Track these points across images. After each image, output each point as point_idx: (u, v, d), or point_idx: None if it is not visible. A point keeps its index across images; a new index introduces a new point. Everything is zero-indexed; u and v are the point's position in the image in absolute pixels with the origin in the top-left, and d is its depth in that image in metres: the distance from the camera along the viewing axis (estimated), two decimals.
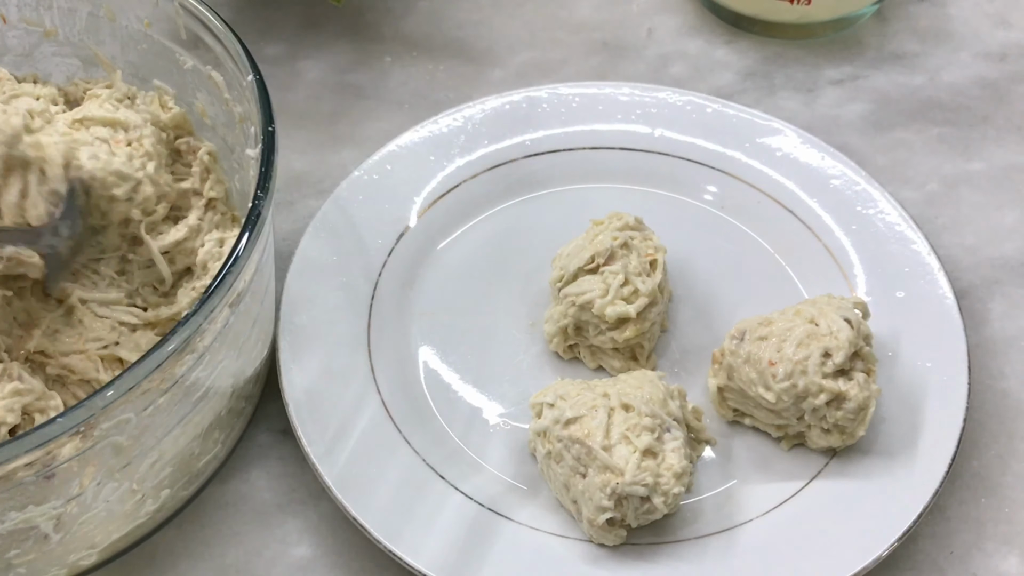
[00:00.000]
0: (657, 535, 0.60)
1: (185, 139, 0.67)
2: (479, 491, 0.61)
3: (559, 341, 0.66)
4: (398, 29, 0.86)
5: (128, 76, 0.68)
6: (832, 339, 0.60)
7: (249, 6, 0.86)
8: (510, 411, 0.65)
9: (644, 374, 0.61)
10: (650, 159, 0.74)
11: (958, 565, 0.61)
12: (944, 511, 0.63)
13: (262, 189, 0.54)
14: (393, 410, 0.63)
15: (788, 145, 0.73)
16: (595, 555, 0.59)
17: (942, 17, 0.86)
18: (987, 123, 0.80)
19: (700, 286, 0.70)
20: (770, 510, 0.60)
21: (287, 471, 0.64)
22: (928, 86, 0.82)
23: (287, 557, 0.61)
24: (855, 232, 0.70)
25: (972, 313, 0.70)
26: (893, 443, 0.62)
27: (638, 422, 0.58)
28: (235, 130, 0.64)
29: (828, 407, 0.59)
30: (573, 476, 0.58)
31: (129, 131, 0.62)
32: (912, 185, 0.76)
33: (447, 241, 0.71)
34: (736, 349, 0.62)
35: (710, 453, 0.63)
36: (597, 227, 0.66)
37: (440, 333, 0.68)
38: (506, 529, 0.60)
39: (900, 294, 0.67)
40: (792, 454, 0.63)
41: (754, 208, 0.72)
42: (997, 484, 0.64)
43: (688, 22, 0.86)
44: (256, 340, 0.61)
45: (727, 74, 0.83)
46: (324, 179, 0.76)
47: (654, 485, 0.57)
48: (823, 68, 0.83)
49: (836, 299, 0.63)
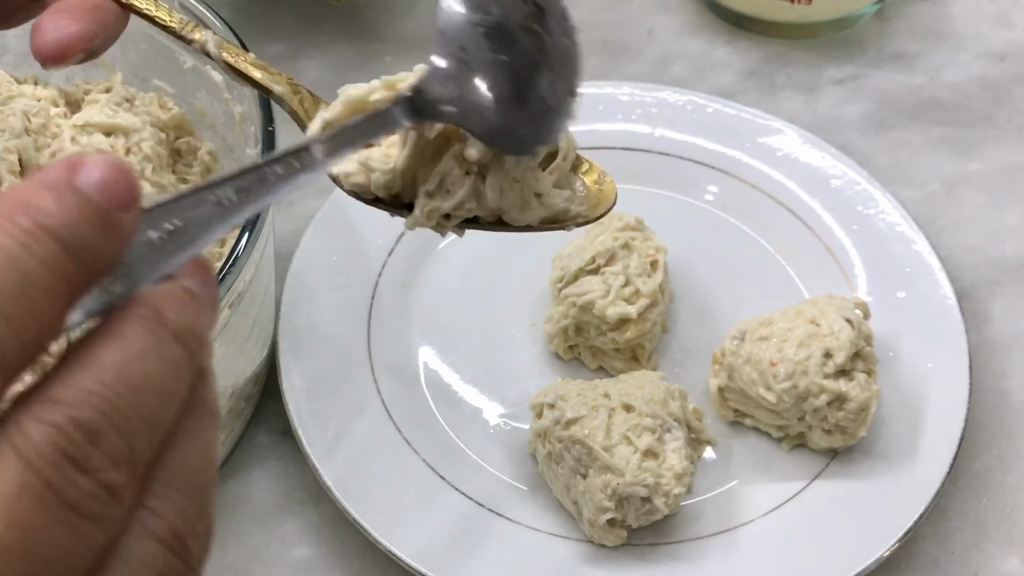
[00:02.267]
0: (658, 536, 0.59)
1: (185, 139, 0.67)
2: (479, 491, 0.61)
3: (559, 342, 0.66)
4: (398, 29, 0.85)
5: (128, 76, 0.67)
6: (833, 339, 0.60)
7: (249, 5, 0.86)
8: (510, 411, 0.65)
9: (645, 374, 0.61)
10: (651, 159, 0.73)
11: (959, 566, 0.61)
12: (945, 511, 0.62)
13: None
14: (393, 410, 0.63)
15: (789, 145, 0.73)
16: (595, 556, 0.59)
17: (943, 17, 0.86)
18: (988, 123, 0.80)
19: (701, 286, 0.69)
20: (771, 511, 0.60)
21: (287, 471, 0.64)
22: (929, 86, 0.82)
23: (287, 557, 0.61)
24: (856, 232, 0.70)
25: (973, 313, 0.70)
26: (894, 443, 0.62)
27: (639, 423, 0.58)
28: (235, 130, 0.64)
29: (829, 407, 0.59)
30: (574, 477, 0.58)
31: (129, 136, 0.62)
32: (913, 185, 0.76)
33: (447, 241, 0.71)
34: (737, 349, 0.62)
35: (711, 454, 0.63)
36: (598, 227, 0.66)
37: (440, 333, 0.68)
38: (506, 530, 0.59)
39: (901, 294, 0.67)
40: (793, 455, 0.63)
41: (755, 208, 0.72)
42: (998, 484, 0.64)
43: (689, 22, 0.86)
44: (256, 340, 0.61)
45: (728, 74, 0.83)
46: (324, 179, 0.76)
47: (655, 486, 0.57)
48: (824, 68, 0.83)
49: (837, 299, 0.63)
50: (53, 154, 0.60)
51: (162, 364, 0.26)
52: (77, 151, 0.60)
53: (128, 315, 0.26)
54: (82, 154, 0.27)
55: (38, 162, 0.60)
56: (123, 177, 0.26)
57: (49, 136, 0.61)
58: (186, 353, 0.27)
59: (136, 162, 0.62)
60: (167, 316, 0.27)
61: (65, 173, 0.26)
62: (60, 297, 0.25)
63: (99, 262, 0.26)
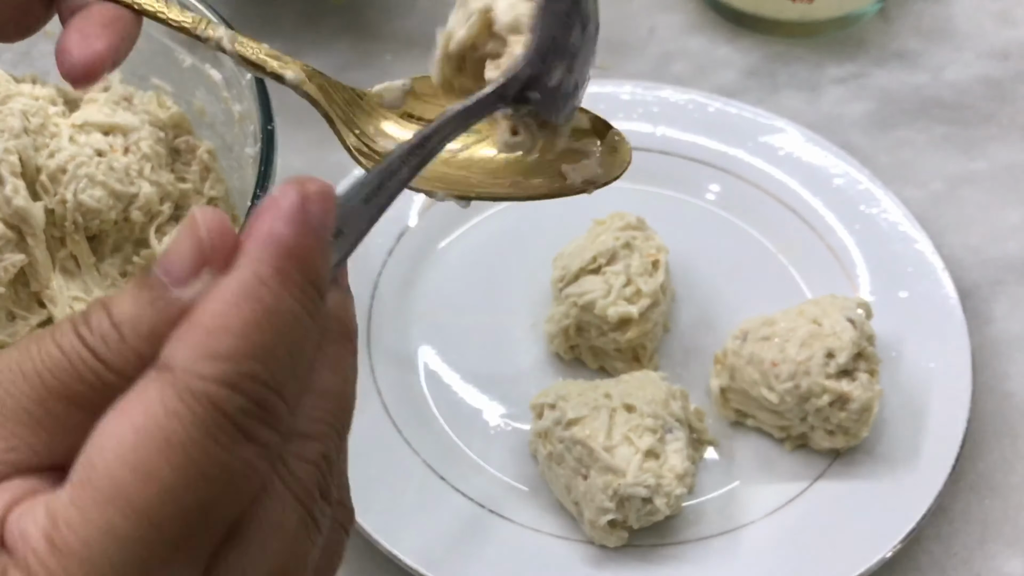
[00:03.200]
0: (659, 537, 0.59)
1: (184, 138, 0.67)
2: (480, 492, 0.61)
3: (560, 342, 0.66)
4: (398, 27, 0.85)
5: (126, 74, 0.67)
6: (835, 339, 0.60)
7: (249, 3, 0.86)
8: (511, 412, 0.64)
9: (646, 375, 0.61)
10: (652, 158, 0.73)
11: (961, 567, 0.61)
12: (947, 512, 0.62)
13: (261, 188, 0.54)
14: (393, 411, 0.63)
15: (791, 144, 0.73)
16: (596, 557, 0.59)
17: (945, 15, 0.86)
18: (991, 122, 0.80)
19: (702, 286, 0.69)
20: (773, 511, 0.60)
21: None
22: (931, 85, 0.82)
23: None
24: (858, 231, 0.69)
25: (976, 313, 0.70)
26: (896, 444, 0.62)
27: (640, 423, 0.57)
28: (234, 129, 0.64)
29: (831, 408, 0.59)
30: (574, 477, 0.58)
31: (127, 135, 0.62)
32: (915, 184, 0.76)
33: (447, 241, 0.71)
34: (739, 350, 0.62)
35: (712, 454, 0.63)
36: (599, 227, 0.66)
37: (440, 333, 0.67)
38: (507, 530, 0.59)
39: (903, 294, 0.67)
40: (795, 455, 0.62)
41: (757, 207, 0.72)
42: (1001, 485, 0.63)
43: (690, 20, 0.86)
44: None
45: (729, 72, 0.82)
46: (324, 178, 0.76)
47: (656, 486, 0.56)
48: (826, 66, 0.83)
49: (839, 299, 0.62)
50: (52, 154, 0.60)
51: (355, 379, 0.31)
52: (75, 151, 0.59)
53: (332, 336, 0.30)
54: (303, 178, 0.29)
55: (37, 162, 0.60)
56: (332, 203, 0.29)
57: (48, 136, 0.61)
58: (352, 354, 0.31)
59: (134, 161, 0.61)
60: (352, 332, 0.31)
61: (301, 210, 0.28)
62: (314, 339, 0.29)
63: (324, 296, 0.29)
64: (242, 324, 0.26)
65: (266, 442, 0.27)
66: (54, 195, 0.59)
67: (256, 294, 0.27)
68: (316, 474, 0.28)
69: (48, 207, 0.59)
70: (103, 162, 0.60)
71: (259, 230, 0.28)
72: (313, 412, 0.28)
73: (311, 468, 0.28)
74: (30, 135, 0.60)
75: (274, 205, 0.28)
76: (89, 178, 0.59)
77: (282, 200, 0.28)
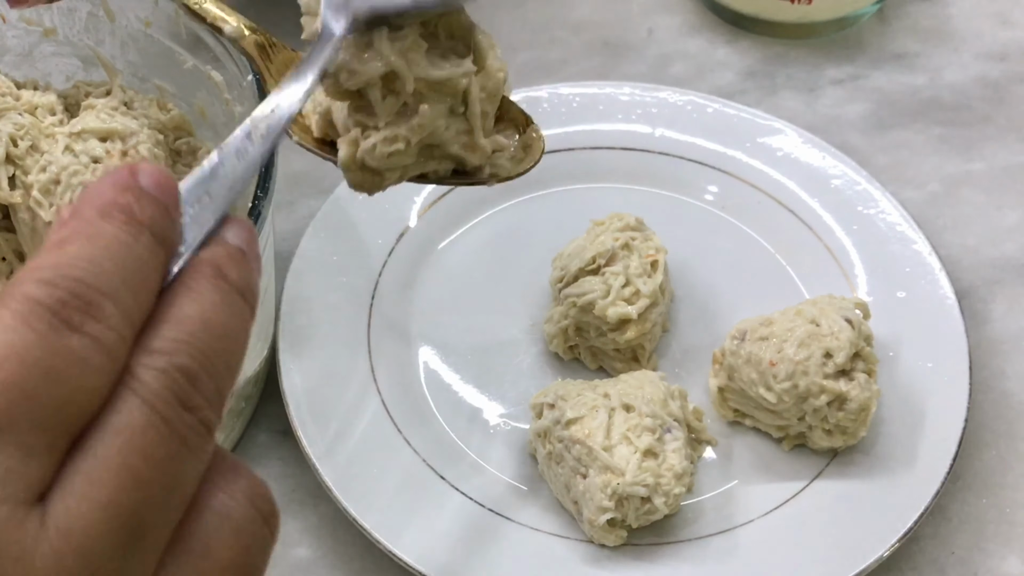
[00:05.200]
0: (658, 536, 0.59)
1: (185, 139, 0.67)
2: (479, 492, 0.61)
3: (559, 342, 0.66)
4: None
5: (128, 76, 0.68)
6: (833, 339, 0.60)
7: (250, 6, 0.86)
8: (510, 411, 0.65)
9: (645, 374, 0.61)
10: (651, 159, 0.73)
11: (959, 566, 0.61)
12: (945, 512, 0.62)
13: (262, 189, 0.54)
14: (393, 410, 0.63)
15: (789, 145, 0.73)
16: (596, 556, 0.59)
17: (943, 17, 0.86)
18: (988, 123, 0.80)
19: (701, 286, 0.69)
20: (771, 511, 0.60)
21: (287, 471, 0.64)
22: (929, 86, 0.82)
23: (287, 558, 0.61)
24: (856, 232, 0.70)
25: (973, 313, 0.70)
26: (894, 444, 0.62)
27: (639, 422, 0.58)
28: (235, 130, 0.64)
29: (829, 408, 0.59)
30: (574, 477, 0.58)
31: (125, 140, 0.62)
32: (913, 185, 0.76)
33: (447, 241, 0.71)
34: (737, 349, 0.62)
35: (711, 454, 0.63)
36: (598, 227, 0.66)
37: (440, 333, 0.68)
38: (506, 530, 0.59)
39: (901, 294, 0.67)
40: (793, 455, 0.63)
41: (755, 208, 0.72)
42: (998, 485, 0.64)
43: (689, 21, 0.86)
44: (256, 340, 0.61)
45: (728, 74, 0.83)
46: (324, 179, 0.76)
47: (655, 485, 0.57)
48: (824, 68, 0.83)
49: (837, 299, 0.63)
50: (43, 168, 0.60)
51: (231, 313, 0.31)
52: (68, 161, 0.60)
53: (196, 274, 0.31)
54: (131, 163, 0.32)
55: (27, 179, 0.60)
56: (167, 176, 0.31)
57: (39, 153, 0.61)
58: (246, 302, 0.31)
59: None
60: (227, 272, 0.31)
61: (130, 177, 0.31)
62: (160, 273, 0.30)
63: (173, 244, 0.31)
64: (58, 240, 0.29)
65: (95, 336, 0.28)
66: (50, 207, 0.60)
67: (77, 227, 0.29)
68: (167, 381, 0.28)
69: (46, 220, 0.59)
70: (99, 168, 0.61)
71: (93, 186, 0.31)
72: (167, 332, 0.29)
73: (159, 374, 0.28)
74: (18, 161, 0.61)
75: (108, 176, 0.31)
76: (84, 185, 0.60)
77: (115, 173, 0.31)
